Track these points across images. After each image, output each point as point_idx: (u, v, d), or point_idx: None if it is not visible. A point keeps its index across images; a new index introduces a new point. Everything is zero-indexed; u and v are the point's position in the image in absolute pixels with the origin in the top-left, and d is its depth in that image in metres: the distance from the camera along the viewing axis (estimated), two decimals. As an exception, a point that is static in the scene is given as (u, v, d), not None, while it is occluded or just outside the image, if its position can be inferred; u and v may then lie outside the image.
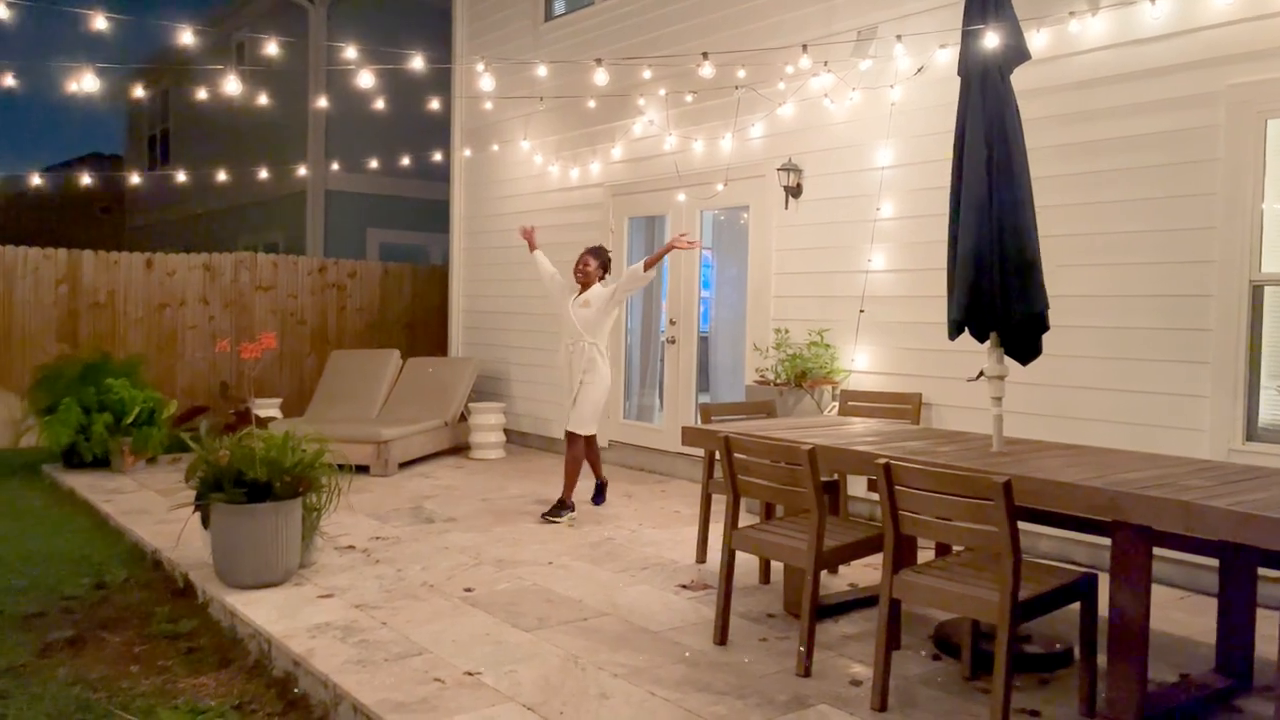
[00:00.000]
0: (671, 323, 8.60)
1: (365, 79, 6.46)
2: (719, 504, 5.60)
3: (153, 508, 7.08)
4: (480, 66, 8.19)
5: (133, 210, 22.59)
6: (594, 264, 6.94)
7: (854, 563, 5.22)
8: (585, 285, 6.91)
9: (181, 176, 10.86)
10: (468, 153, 10.80)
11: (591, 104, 8.68)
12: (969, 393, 5.61)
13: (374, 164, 10.87)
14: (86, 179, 9.40)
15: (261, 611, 4.68)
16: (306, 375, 11.74)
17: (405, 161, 10.60)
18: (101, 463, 8.61)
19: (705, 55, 7.11)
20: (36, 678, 4.21)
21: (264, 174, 11.09)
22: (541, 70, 8.12)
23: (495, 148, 10.42)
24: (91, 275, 10.73)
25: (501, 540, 6.21)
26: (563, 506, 6.80)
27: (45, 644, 4.62)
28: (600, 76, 7.34)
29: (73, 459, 8.59)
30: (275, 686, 4.13)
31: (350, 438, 8.14)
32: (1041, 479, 3.48)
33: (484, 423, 9.56)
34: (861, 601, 4.91)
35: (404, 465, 8.85)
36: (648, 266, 6.66)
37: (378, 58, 7.12)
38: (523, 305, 10.28)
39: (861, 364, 6.95)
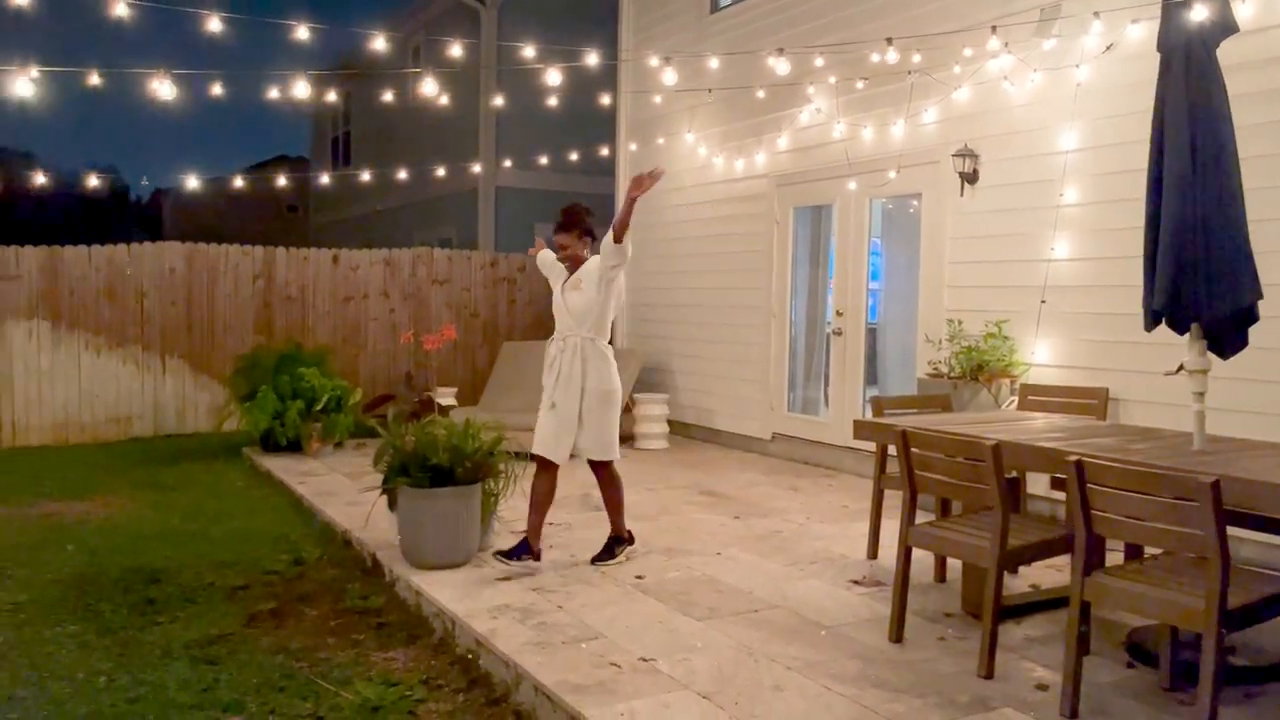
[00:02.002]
0: (838, 314, 8.46)
1: (536, 77, 6.63)
2: (891, 499, 5.50)
3: (341, 490, 7.50)
4: (655, 60, 8.25)
5: (317, 208, 23.93)
6: (569, 237, 5.34)
7: (1035, 564, 5.02)
8: (575, 265, 5.42)
9: (365, 176, 11.43)
10: (633, 147, 10.93)
11: (761, 94, 8.62)
12: (1162, 388, 5.30)
13: (547, 160, 11.12)
14: (282, 180, 10.02)
15: (445, 591, 4.89)
16: (479, 366, 12.16)
17: (572, 157, 10.81)
18: (294, 446, 9.18)
19: (890, 41, 6.94)
20: (244, 646, 4.54)
21: (439, 172, 11.55)
22: (713, 62, 8.12)
23: (660, 141, 10.51)
24: (284, 271, 11.43)
25: (668, 529, 6.28)
26: (618, 543, 5.54)
27: (251, 615, 4.97)
28: (781, 66, 7.26)
29: (269, 443, 9.19)
30: (459, 664, 4.31)
31: (522, 426, 8.35)
32: (1253, 480, 3.25)
33: (648, 413, 9.67)
34: (1045, 603, 4.71)
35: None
36: (619, 235, 5.18)
37: (546, 55, 7.28)
38: (687, 297, 10.34)
39: (1042, 357, 6.66)
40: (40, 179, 8.94)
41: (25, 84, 4.54)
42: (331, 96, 6.80)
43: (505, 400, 9.97)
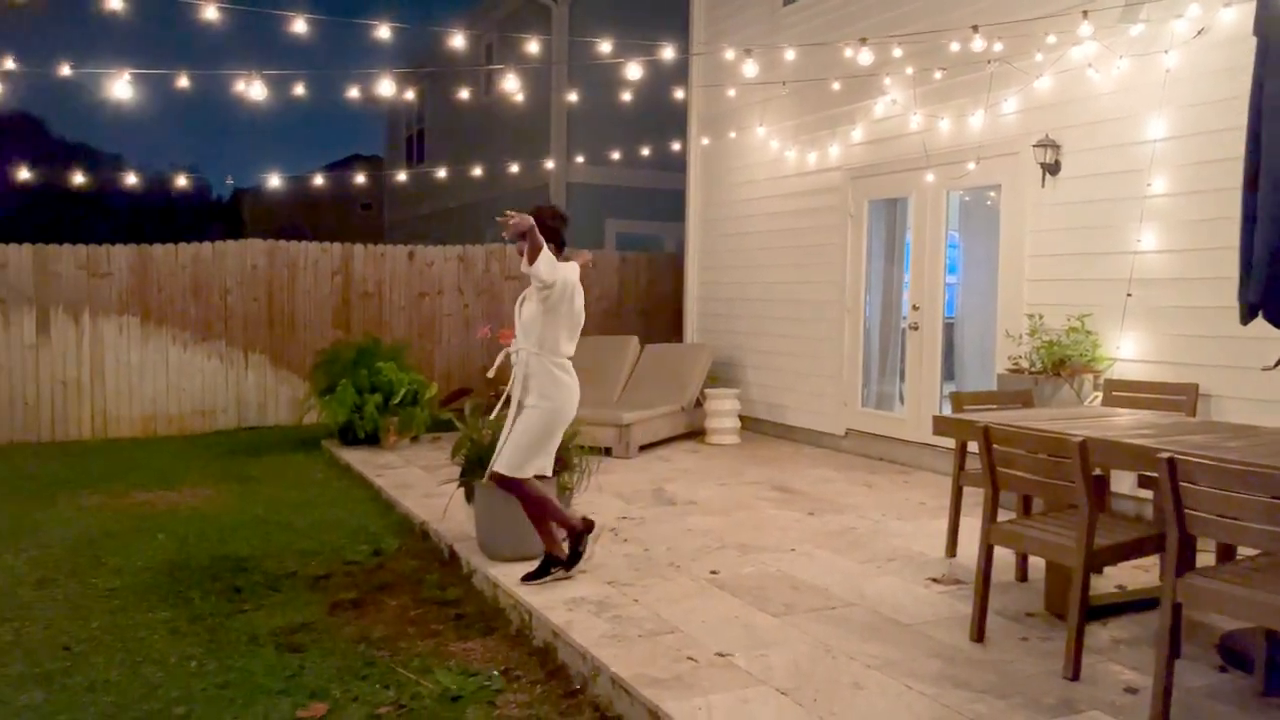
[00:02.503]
0: (914, 308, 8.34)
1: (607, 73, 6.65)
2: (970, 496, 5.40)
3: (418, 483, 7.62)
4: (730, 53, 8.23)
5: (390, 206, 24.33)
6: (522, 242, 4.90)
7: (1121, 564, 4.89)
8: None
9: (441, 173, 11.58)
10: (705, 141, 10.90)
11: (836, 86, 8.53)
12: (1256, 383, 5.12)
13: (615, 156, 11.15)
14: (361, 178, 10.21)
15: (520, 583, 4.93)
16: (549, 360, 12.25)
17: (644, 152, 10.82)
18: (372, 439, 9.35)
19: (976, 28, 6.81)
20: (326, 634, 4.64)
21: (513, 169, 11.65)
22: (789, 54, 8.05)
23: (732, 135, 10.46)
24: (361, 267, 11.65)
25: (742, 525, 6.25)
26: (552, 563, 5.00)
27: (333, 604, 5.08)
28: (864, 56, 7.19)
29: (347, 435, 9.38)
30: (536, 655, 4.35)
31: (593, 420, 8.41)
32: (1359, 480, 3.12)
33: (719, 408, 9.65)
34: (1132, 604, 4.58)
35: (643, 448, 9.06)
36: (531, 259, 4.81)
37: (617, 51, 7.30)
38: (758, 292, 10.28)
39: (1127, 352, 6.48)
40: (131, 179, 9.25)
41: (124, 86, 4.70)
42: (409, 95, 6.90)
43: (577, 395, 10.02)
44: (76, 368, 10.28)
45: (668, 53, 6.86)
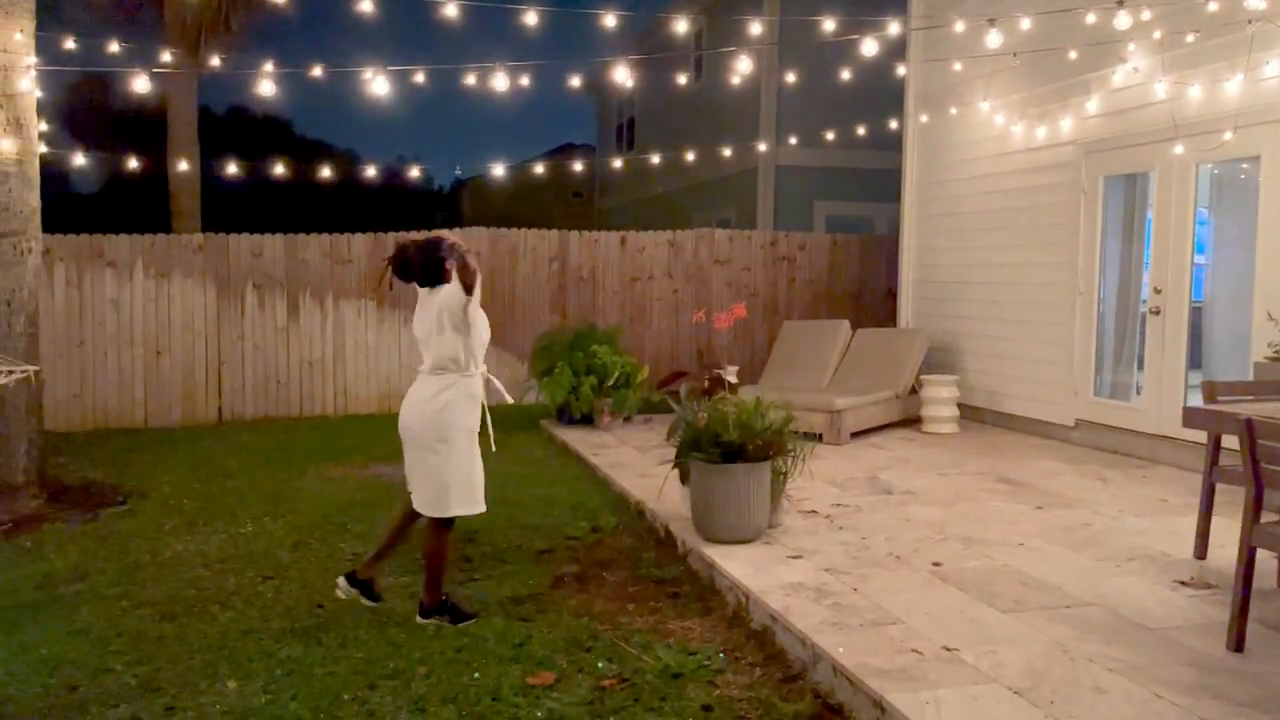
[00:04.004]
0: (1156, 291, 7.74)
1: (820, 52, 6.51)
2: (1224, 495, 4.98)
3: (632, 462, 7.78)
4: (960, 24, 7.89)
5: (601, 193, 24.92)
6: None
7: None
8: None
9: (655, 159, 11.74)
10: (924, 118, 10.51)
11: (1072, 55, 8.02)
12: None
13: (828, 136, 10.93)
14: (579, 165, 10.50)
15: (736, 566, 4.95)
16: (757, 345, 12.21)
17: (859, 132, 10.56)
18: (587, 420, 9.64)
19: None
20: (551, 606, 4.82)
21: (725, 153, 11.64)
22: (1025, 22, 7.62)
23: (953, 111, 10.03)
24: (576, 253, 12.00)
25: (965, 517, 6.02)
26: (436, 610, 4.60)
27: (556, 577, 5.27)
28: (1121, 20, 6.72)
29: (564, 415, 9.71)
30: (754, 638, 4.36)
31: (804, 406, 8.32)
32: None
33: (936, 395, 9.32)
34: None
35: (855, 435, 8.88)
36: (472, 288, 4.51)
37: (831, 29, 7.14)
38: (980, 274, 9.84)
39: None
40: (369, 172, 9.89)
41: (379, 84, 5.02)
42: (627, 81, 7.02)
43: (785, 379, 9.95)
44: (321, 348, 11.13)
45: (891, 29, 6.65)
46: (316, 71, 6.51)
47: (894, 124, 10.70)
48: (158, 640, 4.39)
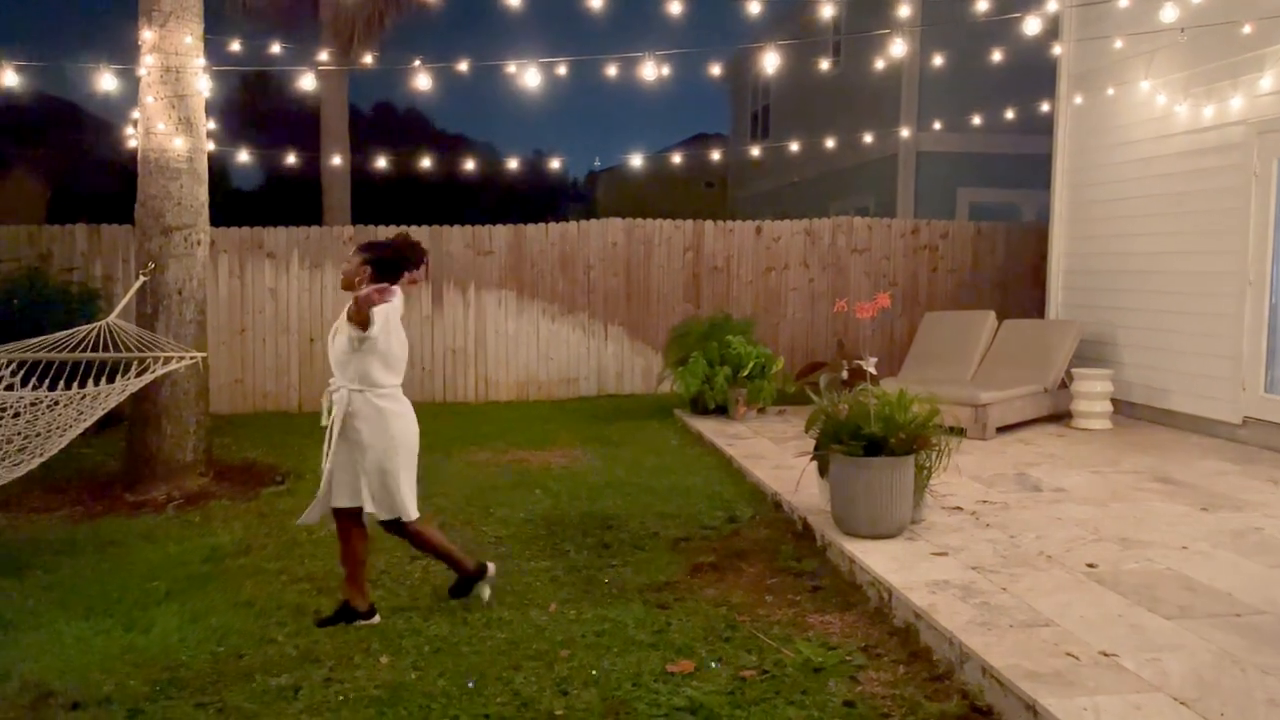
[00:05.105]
0: (1337, 280, 7.20)
1: (965, 33, 6.28)
2: None
3: (768, 454, 7.72)
4: (1123, 1, 7.50)
5: (736, 183, 24.77)
6: (353, 265, 4.49)
7: None
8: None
9: (794, 147, 11.59)
10: (1078, 99, 10.04)
11: (1246, 29, 7.51)
12: None
13: (974, 121, 10.55)
14: (716, 154, 10.47)
15: (878, 561, 4.85)
16: (897, 336, 11.94)
17: (1008, 115, 10.17)
18: (721, 410, 9.62)
19: None
20: (689, 595, 4.82)
21: (866, 139, 11.40)
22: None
23: (1110, 91, 9.54)
24: (711, 243, 11.96)
25: (1121, 517, 5.73)
26: (466, 580, 4.71)
27: (693, 566, 5.27)
28: None
29: (698, 405, 9.71)
30: (897, 635, 4.26)
31: (947, 399, 8.08)
32: None
33: (1089, 390, 8.91)
34: None
35: (1000, 430, 8.58)
36: (365, 323, 4.25)
37: (976, 7, 6.88)
38: (1136, 263, 9.35)
39: None
40: (508, 164, 10.09)
41: (532, 75, 5.11)
42: (769, 69, 6.94)
43: (926, 371, 9.69)
44: (463, 337, 11.45)
45: (1049, 4, 6.35)
46: (462, 66, 6.68)
47: (1044, 106, 10.27)
48: (315, 614, 4.59)
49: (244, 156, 9.55)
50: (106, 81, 6.45)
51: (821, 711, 3.56)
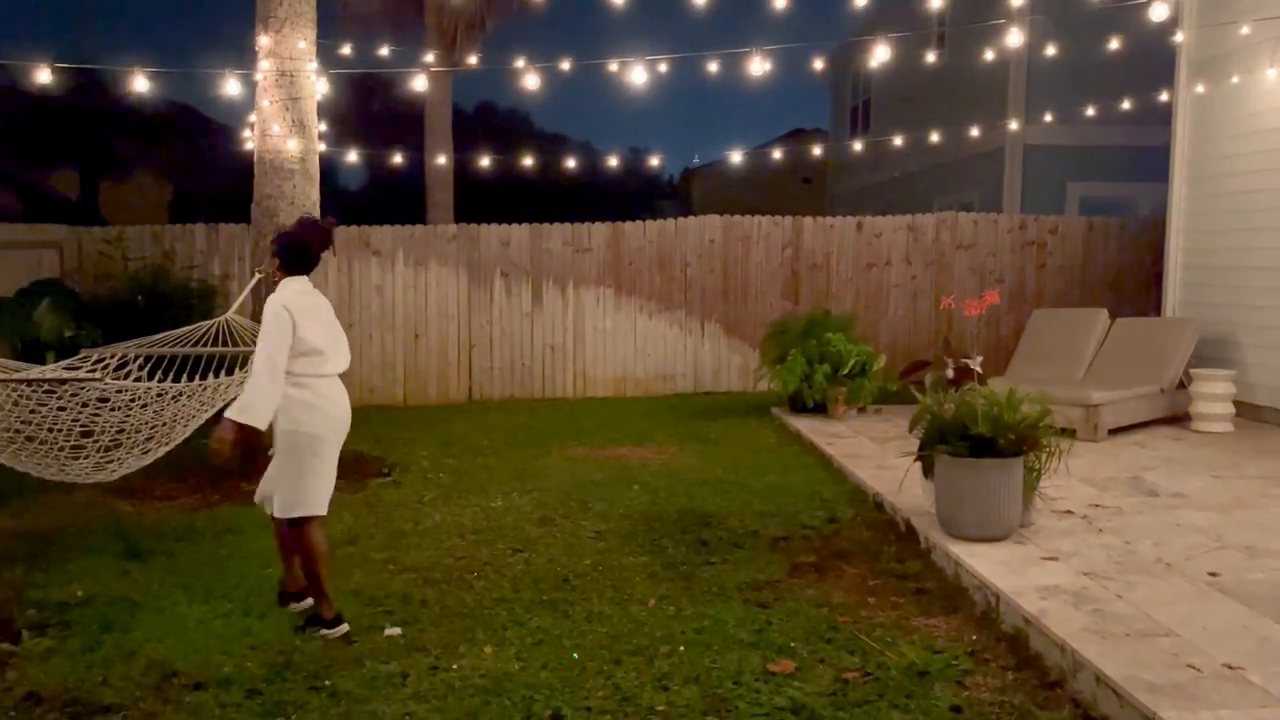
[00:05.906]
0: None
1: (1076, 23, 6.06)
2: None
3: (869, 454, 7.60)
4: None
5: (834, 178, 24.44)
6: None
7: None
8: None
9: (898, 141, 11.39)
10: (1200, 89, 9.61)
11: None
12: None
13: (1086, 112, 10.19)
14: (816, 149, 10.34)
15: (985, 565, 4.73)
16: (1002, 334, 11.62)
17: (1122, 106, 9.80)
18: (820, 409, 9.50)
19: None
20: (789, 594, 4.78)
21: (973, 132, 11.12)
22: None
23: (1234, 80, 9.11)
24: (810, 239, 11.83)
25: (1246, 525, 5.47)
26: (315, 622, 4.37)
27: (793, 565, 5.23)
28: None
29: (796, 404, 9.61)
30: (1005, 641, 4.15)
31: (1057, 399, 7.82)
32: None
33: (1209, 391, 8.52)
34: None
35: (1113, 432, 8.27)
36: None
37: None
38: (1265, 259, 8.88)
39: None
40: (608, 162, 10.17)
41: (638, 73, 5.14)
42: (874, 62, 6.83)
43: (1035, 370, 9.40)
44: (562, 333, 11.57)
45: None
46: (564, 65, 6.74)
47: (1161, 96, 9.86)
48: (421, 604, 4.70)
49: (352, 157, 9.82)
50: (226, 86, 6.71)
51: (927, 716, 3.49)
